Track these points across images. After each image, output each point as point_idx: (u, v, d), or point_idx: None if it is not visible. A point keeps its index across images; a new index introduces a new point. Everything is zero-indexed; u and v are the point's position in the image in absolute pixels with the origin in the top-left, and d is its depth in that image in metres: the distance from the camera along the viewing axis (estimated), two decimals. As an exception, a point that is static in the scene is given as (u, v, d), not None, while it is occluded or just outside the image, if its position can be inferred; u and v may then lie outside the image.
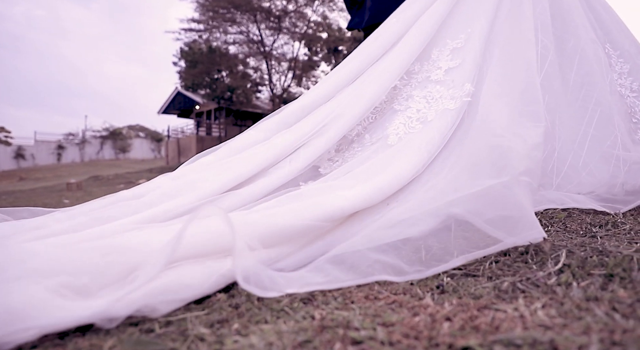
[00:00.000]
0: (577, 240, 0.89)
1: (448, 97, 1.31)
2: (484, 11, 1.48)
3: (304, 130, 1.30)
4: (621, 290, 0.57)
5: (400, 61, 1.43)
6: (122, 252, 0.71)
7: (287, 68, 24.30)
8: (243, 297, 0.69)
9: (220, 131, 26.25)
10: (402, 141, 1.24)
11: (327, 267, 0.75)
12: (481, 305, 0.57)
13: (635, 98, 1.61)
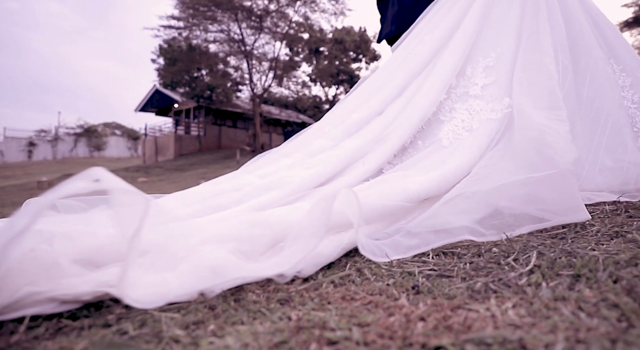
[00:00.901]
0: (548, 241, 0.92)
1: (488, 110, 1.55)
2: (510, 32, 1.71)
3: (368, 137, 1.56)
4: (587, 290, 0.59)
5: (443, 79, 1.66)
6: (268, 225, 0.90)
7: (268, 68, 24.21)
8: (220, 298, 0.69)
9: (199, 130, 25.97)
10: (453, 144, 1.49)
11: (420, 230, 0.93)
12: (454, 305, 0.58)
13: (636, 109, 1.77)
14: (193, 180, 10.93)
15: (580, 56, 1.78)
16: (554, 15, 1.78)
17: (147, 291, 0.67)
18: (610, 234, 0.95)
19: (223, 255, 0.77)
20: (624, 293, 0.57)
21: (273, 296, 0.69)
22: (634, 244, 0.84)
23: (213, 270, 0.73)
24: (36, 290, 0.61)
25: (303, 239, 0.81)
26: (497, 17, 1.80)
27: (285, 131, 32.55)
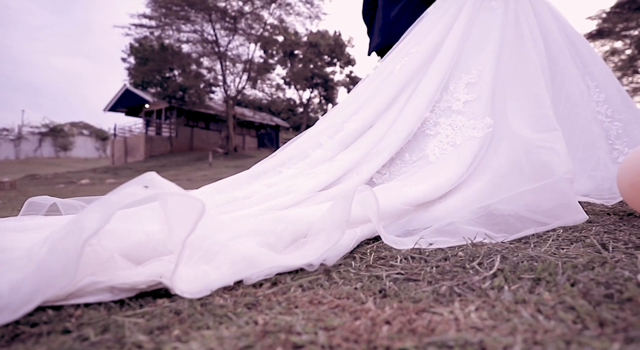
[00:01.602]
0: (513, 245, 0.94)
1: (470, 127, 1.68)
2: (490, 52, 1.84)
3: (363, 150, 1.72)
4: (546, 293, 0.61)
5: (428, 96, 1.80)
6: (289, 221, 1.02)
7: (242, 70, 24.03)
8: (186, 303, 0.68)
9: (170, 131, 25.50)
10: (439, 160, 1.63)
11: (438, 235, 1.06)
12: (420, 308, 0.59)
13: (609, 123, 1.92)
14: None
15: (556, 75, 1.91)
16: (535, 36, 1.89)
17: (193, 283, 0.74)
18: (570, 239, 0.99)
19: (255, 248, 0.87)
20: (580, 296, 0.59)
21: (240, 300, 0.69)
22: (591, 248, 0.88)
23: (248, 261, 0.81)
24: (97, 280, 0.70)
25: (326, 232, 0.92)
26: (478, 37, 1.93)
27: (258, 134, 32.38)
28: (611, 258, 0.78)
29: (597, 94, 1.98)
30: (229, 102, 23.53)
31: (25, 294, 0.61)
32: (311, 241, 0.96)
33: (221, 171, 13.95)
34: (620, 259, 0.77)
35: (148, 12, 20.53)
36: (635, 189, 1.20)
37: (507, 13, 1.96)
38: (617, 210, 1.40)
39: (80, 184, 11.71)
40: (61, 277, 0.63)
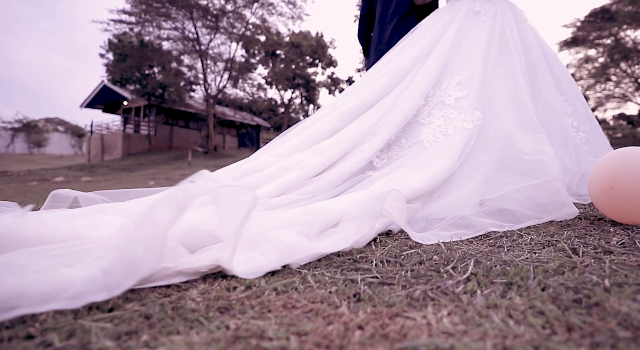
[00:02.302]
0: (486, 250, 0.96)
1: (460, 119, 1.83)
2: (479, 57, 2.04)
3: (364, 128, 1.82)
4: (517, 298, 0.62)
5: (422, 88, 1.97)
6: (318, 213, 1.16)
7: (223, 68, 23.81)
8: (156, 307, 0.66)
9: (149, 129, 25.08)
10: (433, 147, 1.75)
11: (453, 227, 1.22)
12: (393, 313, 0.59)
13: (575, 132, 2.13)
14: (141, 180, 10.51)
15: (535, 81, 2.15)
16: (518, 47, 2.16)
17: (245, 266, 0.85)
18: (543, 243, 1.01)
19: (294, 237, 0.98)
20: (549, 301, 0.60)
21: (213, 304, 0.67)
22: (562, 253, 0.89)
23: (290, 249, 0.92)
24: (166, 266, 0.79)
25: (356, 222, 1.08)
26: (468, 44, 2.15)
27: (239, 133, 32.15)
28: (581, 263, 0.79)
29: (566, 107, 2.20)
30: (210, 101, 23.29)
31: (117, 276, 0.71)
32: (339, 231, 1.11)
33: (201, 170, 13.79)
34: (589, 264, 0.79)
35: (128, 8, 20.16)
36: (605, 195, 1.23)
37: (494, 25, 2.19)
38: (589, 215, 1.43)
39: (55, 181, 11.40)
40: (146, 263, 0.74)
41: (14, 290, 0.64)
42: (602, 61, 24.10)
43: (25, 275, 0.68)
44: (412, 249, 1.00)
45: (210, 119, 22.88)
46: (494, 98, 1.93)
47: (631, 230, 1.13)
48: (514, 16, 2.30)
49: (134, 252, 0.73)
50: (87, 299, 0.67)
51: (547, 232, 1.14)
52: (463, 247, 0.98)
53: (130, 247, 0.73)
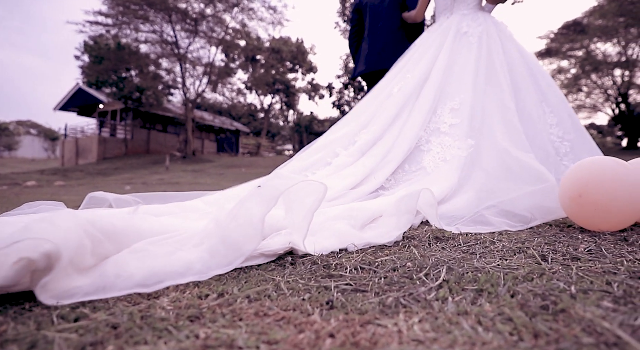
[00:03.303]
0: (459, 256, 0.97)
1: (455, 147, 2.09)
2: (468, 83, 2.29)
3: (377, 158, 2.18)
4: (487, 305, 0.63)
5: (423, 117, 2.26)
6: (360, 210, 1.44)
7: (202, 72, 23.59)
8: (124, 316, 0.65)
9: (126, 133, 24.62)
10: (434, 172, 2.04)
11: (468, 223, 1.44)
12: (365, 320, 0.59)
13: (560, 143, 2.28)
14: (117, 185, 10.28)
15: (519, 101, 2.30)
16: (503, 68, 2.34)
17: (314, 247, 1.07)
18: (514, 250, 1.03)
19: (346, 227, 1.23)
20: (518, 307, 0.61)
21: (183, 313, 0.66)
22: (532, 259, 0.91)
23: (344, 236, 1.16)
24: (253, 248, 0.93)
25: (395, 218, 1.28)
26: (458, 69, 2.37)
27: (218, 138, 31.87)
28: (549, 269, 0.81)
29: (551, 118, 2.33)
30: (188, 105, 23.01)
31: (222, 257, 0.91)
32: (380, 226, 1.32)
33: (178, 175, 13.60)
34: (557, 270, 0.80)
35: (104, 9, 19.79)
36: (574, 202, 1.26)
37: (480, 48, 2.40)
38: (558, 222, 1.47)
39: (26, 185, 11.06)
40: (245, 245, 0.93)
41: (156, 269, 0.83)
42: (574, 72, 24.91)
43: (158, 258, 0.87)
44: (387, 256, 1.00)
45: (189, 123, 22.61)
46: (485, 121, 2.16)
47: (598, 237, 1.16)
48: (499, 34, 2.47)
49: (232, 237, 0.93)
50: (211, 272, 0.88)
51: (518, 239, 1.17)
52: (436, 254, 0.99)
53: (229, 233, 0.93)
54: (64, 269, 0.74)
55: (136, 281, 0.79)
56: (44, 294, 0.71)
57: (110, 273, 0.79)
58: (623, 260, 0.87)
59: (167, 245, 0.94)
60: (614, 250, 0.99)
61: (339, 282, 0.79)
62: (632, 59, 22.73)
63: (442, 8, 2.69)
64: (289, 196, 1.07)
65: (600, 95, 26.24)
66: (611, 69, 23.49)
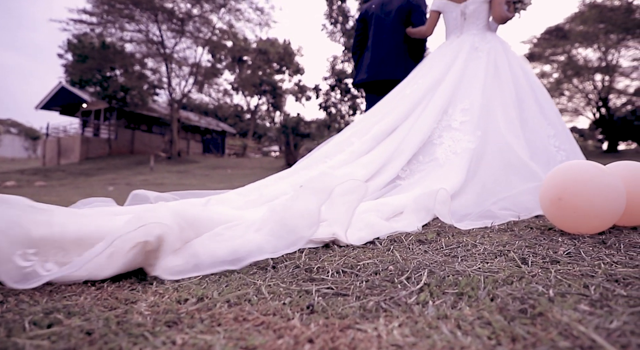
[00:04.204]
0: (441, 259, 0.97)
1: (465, 140, 2.29)
2: (478, 87, 2.52)
3: (391, 148, 2.33)
4: (467, 308, 0.63)
5: (434, 115, 2.45)
6: (385, 205, 1.63)
7: (188, 73, 23.38)
8: (100, 321, 0.63)
9: (110, 133, 24.26)
10: (446, 164, 2.21)
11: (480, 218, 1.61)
12: (345, 325, 0.59)
13: (556, 152, 2.46)
14: (100, 186, 10.13)
15: (523, 110, 2.53)
16: (508, 80, 2.59)
17: (352, 237, 1.21)
18: (495, 253, 1.03)
19: (376, 219, 1.40)
20: (497, 311, 0.61)
21: (161, 318, 0.65)
22: (513, 262, 0.92)
23: (376, 226, 1.33)
24: (311, 233, 1.11)
25: (415, 214, 1.55)
26: (469, 77, 2.61)
27: (204, 139, 31.62)
28: (529, 272, 0.82)
29: (549, 129, 2.53)
30: (174, 106, 22.78)
31: (286, 239, 1.09)
32: (404, 219, 1.54)
33: (163, 176, 13.45)
34: (536, 274, 0.81)
35: (89, 7, 19.49)
36: (554, 206, 1.28)
37: (488, 62, 2.64)
38: (539, 225, 1.49)
39: (5, 185, 10.83)
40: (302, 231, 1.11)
41: (235, 249, 1.00)
42: (556, 77, 25.34)
43: (235, 240, 1.05)
44: (369, 259, 1.00)
45: (174, 123, 22.38)
46: (491, 117, 2.40)
47: (577, 240, 1.17)
48: (505, 52, 2.73)
49: (291, 223, 1.11)
50: (280, 252, 1.07)
51: (500, 242, 1.18)
52: (419, 257, 0.99)
53: (287, 220, 1.11)
54: (165, 250, 0.92)
55: (222, 259, 0.97)
56: (157, 270, 0.90)
57: (201, 253, 0.96)
58: (600, 263, 0.88)
59: (237, 230, 1.11)
60: (593, 253, 1.00)
61: (321, 286, 0.78)
62: (612, 64, 23.26)
63: (453, 28, 2.94)
64: (334, 192, 1.21)
65: (582, 99, 26.77)
66: (592, 74, 23.98)
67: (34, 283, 0.81)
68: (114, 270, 0.89)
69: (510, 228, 1.43)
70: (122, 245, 0.87)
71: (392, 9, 3.53)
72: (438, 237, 1.29)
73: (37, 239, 0.89)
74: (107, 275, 0.89)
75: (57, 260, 0.90)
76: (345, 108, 21.06)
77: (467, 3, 2.85)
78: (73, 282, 0.87)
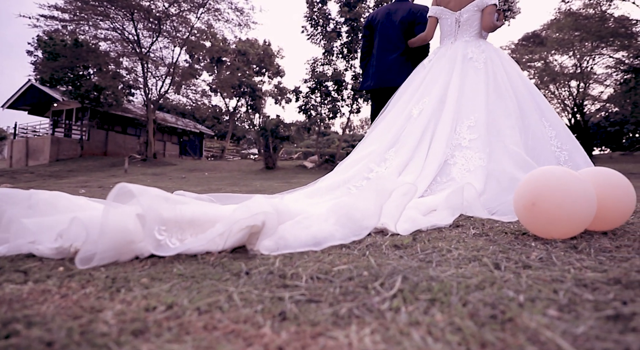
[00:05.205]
0: (416, 265, 0.97)
1: (477, 158, 2.47)
2: (481, 103, 2.68)
3: (413, 177, 2.52)
4: (439, 314, 0.63)
5: (446, 137, 2.63)
6: (421, 204, 1.85)
7: (165, 73, 22.99)
8: (62, 332, 0.61)
9: (82, 134, 23.65)
10: (462, 181, 2.29)
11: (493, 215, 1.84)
12: (316, 332, 0.58)
13: (559, 152, 2.60)
14: (71, 188, 9.83)
15: (524, 118, 2.67)
16: (508, 89, 2.74)
17: (398, 229, 1.42)
18: (469, 258, 1.04)
19: (416, 214, 1.64)
20: (468, 317, 0.61)
21: (127, 327, 0.63)
22: (486, 268, 0.93)
23: (416, 220, 1.57)
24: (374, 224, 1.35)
25: (447, 210, 1.75)
26: (470, 91, 2.76)
27: (181, 141, 31.19)
28: (501, 278, 0.83)
29: (550, 131, 2.66)
30: (150, 106, 22.37)
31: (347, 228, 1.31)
32: (438, 215, 1.74)
33: (138, 178, 13.18)
34: (509, 279, 0.82)
35: (60, 3, 18.96)
36: (528, 211, 1.30)
37: (487, 72, 2.79)
38: (514, 230, 1.51)
39: (-30, 187, 10.40)
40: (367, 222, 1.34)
41: (314, 234, 1.22)
42: (533, 82, 26.06)
43: (312, 227, 1.26)
44: (344, 265, 0.99)
45: (150, 124, 21.98)
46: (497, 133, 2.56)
47: (550, 245, 1.20)
48: (501, 60, 2.89)
49: (355, 216, 1.35)
50: (349, 239, 1.27)
51: (474, 247, 1.19)
52: (393, 263, 0.99)
53: (352, 213, 1.35)
54: (265, 233, 1.15)
55: (305, 242, 1.18)
56: (256, 247, 1.14)
57: (287, 237, 1.19)
58: (570, 268, 0.90)
59: (309, 220, 1.32)
60: (564, 258, 1.02)
61: (294, 293, 0.77)
62: (587, 71, 24.06)
63: (447, 33, 3.13)
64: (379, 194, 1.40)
65: (558, 105, 27.60)
66: (568, 81, 24.76)
67: (167, 252, 1.07)
68: (225, 247, 1.15)
69: (486, 233, 1.45)
70: (233, 228, 1.13)
71: (397, 19, 3.78)
72: (414, 242, 1.29)
73: (166, 219, 1.12)
74: (218, 249, 1.14)
75: (177, 237, 1.13)
76: (325, 111, 21.10)
77: (461, 11, 3.02)
78: (193, 253, 1.11)
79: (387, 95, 3.59)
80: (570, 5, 20.56)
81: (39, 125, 25.24)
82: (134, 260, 1.10)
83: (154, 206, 1.12)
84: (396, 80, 3.68)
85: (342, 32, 19.84)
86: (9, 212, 1.24)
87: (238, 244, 1.19)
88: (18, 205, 1.31)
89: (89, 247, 1.03)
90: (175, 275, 0.94)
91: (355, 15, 18.72)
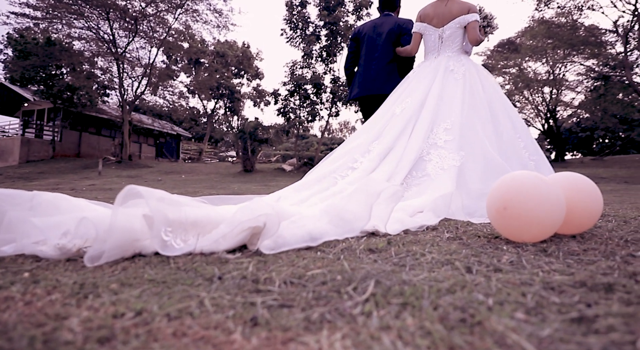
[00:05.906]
0: (389, 269, 0.98)
1: (450, 158, 2.62)
2: (456, 108, 2.88)
3: (392, 165, 2.67)
4: (410, 318, 0.63)
5: (423, 134, 2.82)
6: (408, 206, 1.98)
7: (141, 74, 22.59)
8: (24, 341, 0.59)
9: (54, 135, 23.00)
10: (437, 179, 2.52)
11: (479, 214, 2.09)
12: (287, 338, 0.58)
13: (528, 161, 2.74)
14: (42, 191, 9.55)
15: (497, 125, 2.85)
16: (483, 99, 2.94)
17: (389, 228, 1.53)
18: (442, 262, 1.06)
19: (403, 216, 1.75)
20: (438, 321, 0.62)
21: (93, 334, 0.61)
22: (458, 271, 0.94)
23: (404, 221, 1.66)
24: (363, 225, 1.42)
25: (432, 212, 1.91)
26: (448, 98, 2.96)
27: (157, 142, 30.68)
28: (472, 281, 0.84)
29: (519, 142, 2.82)
30: (125, 107, 21.93)
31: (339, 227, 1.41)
32: (423, 216, 1.85)
33: (112, 181, 12.90)
34: (479, 282, 0.83)
35: (32, 1, 18.44)
36: (500, 215, 1.33)
37: (465, 83, 3.00)
38: (486, 233, 1.54)
39: None
40: (358, 223, 1.41)
41: (309, 231, 1.29)
42: (508, 88, 26.69)
43: (307, 225, 1.34)
44: (318, 269, 0.99)
45: (126, 126, 21.55)
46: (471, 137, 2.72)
47: (521, 248, 1.22)
48: (478, 74, 3.09)
49: (346, 217, 1.43)
50: (343, 236, 1.38)
51: (447, 250, 1.20)
52: (367, 267, 1.00)
53: (343, 214, 1.44)
54: (265, 234, 1.18)
55: (301, 239, 1.25)
56: (257, 247, 1.18)
57: (285, 235, 1.24)
58: (539, 272, 0.92)
59: (304, 220, 1.40)
60: (533, 261, 1.05)
61: (266, 298, 0.77)
62: (559, 78, 24.79)
63: (431, 48, 3.32)
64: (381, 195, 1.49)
65: (532, 110, 28.33)
66: (541, 87, 25.47)
67: (172, 252, 1.12)
68: (226, 247, 1.18)
69: (460, 237, 1.47)
70: (234, 229, 1.18)
71: (383, 31, 3.93)
72: (388, 246, 1.30)
73: (172, 220, 1.17)
74: (220, 250, 1.17)
75: (181, 238, 1.18)
76: (304, 114, 21.11)
77: (444, 28, 3.21)
78: (196, 253, 1.15)
79: (376, 103, 3.70)
80: (544, 14, 21.18)
81: (8, 125, 24.44)
82: (103, 265, 1.07)
83: (161, 208, 1.17)
84: (384, 87, 3.82)
85: (322, 35, 19.93)
86: (10, 212, 1.25)
87: (240, 244, 1.23)
88: (20, 206, 1.32)
89: (99, 246, 1.06)
90: (146, 280, 0.92)
91: (335, 19, 18.83)
